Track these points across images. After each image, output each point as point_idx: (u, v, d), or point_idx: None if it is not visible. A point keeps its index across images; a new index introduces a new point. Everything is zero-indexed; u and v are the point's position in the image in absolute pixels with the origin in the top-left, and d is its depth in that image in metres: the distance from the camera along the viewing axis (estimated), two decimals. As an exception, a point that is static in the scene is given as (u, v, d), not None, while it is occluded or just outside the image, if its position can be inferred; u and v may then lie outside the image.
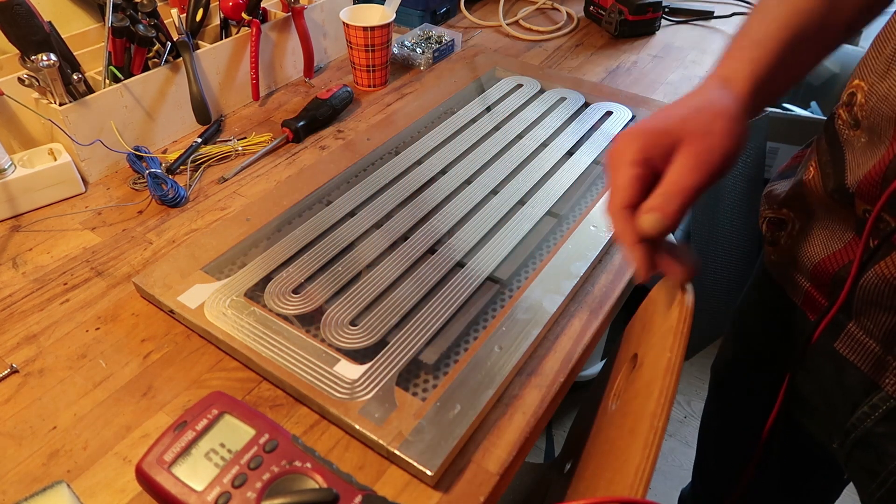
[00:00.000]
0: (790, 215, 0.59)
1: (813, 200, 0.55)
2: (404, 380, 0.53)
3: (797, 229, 0.58)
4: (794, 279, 0.59)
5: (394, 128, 0.82)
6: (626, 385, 0.51)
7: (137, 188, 0.73)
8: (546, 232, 0.67)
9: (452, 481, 0.46)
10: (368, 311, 0.57)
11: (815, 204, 0.55)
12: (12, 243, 0.66)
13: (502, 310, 0.58)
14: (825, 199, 0.53)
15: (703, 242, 1.62)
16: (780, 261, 0.61)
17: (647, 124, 0.46)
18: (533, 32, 1.10)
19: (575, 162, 0.76)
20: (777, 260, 0.61)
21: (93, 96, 0.71)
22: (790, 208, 0.59)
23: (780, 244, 0.60)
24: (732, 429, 0.82)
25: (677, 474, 1.44)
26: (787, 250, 0.59)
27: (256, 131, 0.83)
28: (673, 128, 0.45)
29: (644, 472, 0.37)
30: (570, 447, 0.70)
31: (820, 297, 0.56)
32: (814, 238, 0.56)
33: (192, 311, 0.56)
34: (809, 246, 0.56)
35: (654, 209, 0.44)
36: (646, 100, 0.88)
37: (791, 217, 0.59)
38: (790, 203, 0.59)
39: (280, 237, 0.65)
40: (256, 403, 0.51)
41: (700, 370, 1.66)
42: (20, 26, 0.66)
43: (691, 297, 0.46)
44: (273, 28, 0.88)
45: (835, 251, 0.53)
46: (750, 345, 0.73)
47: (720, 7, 1.19)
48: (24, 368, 0.53)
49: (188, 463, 0.42)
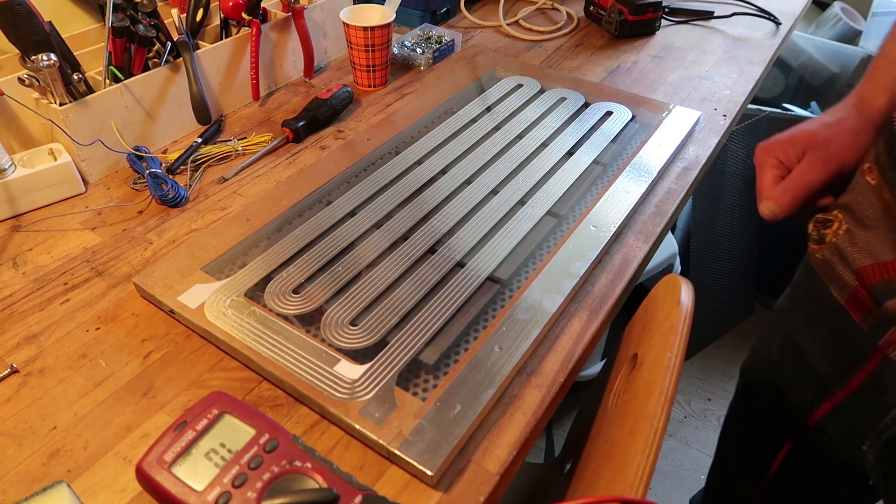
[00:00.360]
0: (839, 216, 0.59)
1: (870, 207, 0.56)
2: (404, 380, 0.53)
3: (844, 230, 0.58)
4: (840, 277, 0.59)
5: (394, 128, 0.82)
6: (626, 385, 0.51)
7: (138, 188, 0.73)
8: (546, 232, 0.67)
9: (452, 481, 0.46)
10: (368, 311, 0.57)
11: (871, 210, 0.55)
12: (12, 243, 0.66)
13: (502, 310, 0.58)
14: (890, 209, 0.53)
15: (703, 242, 1.62)
16: (825, 258, 0.61)
17: (784, 136, 0.60)
18: (533, 32, 1.10)
19: (575, 162, 0.76)
20: (822, 258, 0.61)
21: (93, 96, 0.71)
22: (841, 209, 0.59)
23: (826, 242, 0.60)
24: (759, 431, 0.81)
25: (677, 474, 1.44)
26: (834, 248, 0.59)
27: (256, 131, 0.84)
28: (802, 139, 0.60)
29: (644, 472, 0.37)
30: (570, 447, 0.70)
31: (866, 298, 0.56)
32: (862, 241, 0.56)
33: (192, 310, 0.56)
34: (857, 247, 0.56)
35: (771, 198, 0.59)
36: (646, 100, 0.88)
37: (840, 218, 0.59)
38: (842, 206, 0.59)
39: (280, 237, 0.65)
40: (257, 403, 0.51)
41: (700, 370, 1.66)
42: (20, 26, 0.66)
43: (691, 297, 0.46)
44: (273, 28, 0.89)
45: (884, 261, 0.53)
46: (791, 345, 0.70)
47: (720, 7, 1.19)
48: (24, 368, 0.54)
49: (188, 463, 0.42)
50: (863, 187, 0.56)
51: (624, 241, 0.67)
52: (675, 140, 0.79)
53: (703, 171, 0.80)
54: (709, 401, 1.60)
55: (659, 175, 0.75)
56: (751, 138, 1.61)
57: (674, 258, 1.47)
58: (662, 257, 1.43)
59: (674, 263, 1.48)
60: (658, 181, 0.75)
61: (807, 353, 0.66)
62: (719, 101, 0.92)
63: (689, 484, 1.41)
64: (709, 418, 1.55)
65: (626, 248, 0.66)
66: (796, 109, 1.71)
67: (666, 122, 0.82)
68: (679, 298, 0.47)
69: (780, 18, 1.15)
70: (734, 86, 0.96)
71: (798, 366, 0.68)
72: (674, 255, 1.47)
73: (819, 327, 0.64)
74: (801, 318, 0.67)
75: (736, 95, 0.93)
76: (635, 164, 0.75)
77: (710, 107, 0.90)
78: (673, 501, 1.38)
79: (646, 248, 0.66)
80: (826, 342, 0.63)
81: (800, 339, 0.67)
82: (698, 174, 0.78)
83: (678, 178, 0.76)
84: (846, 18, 1.92)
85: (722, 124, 0.87)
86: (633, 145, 0.80)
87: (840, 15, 1.92)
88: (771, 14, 1.16)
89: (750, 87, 0.96)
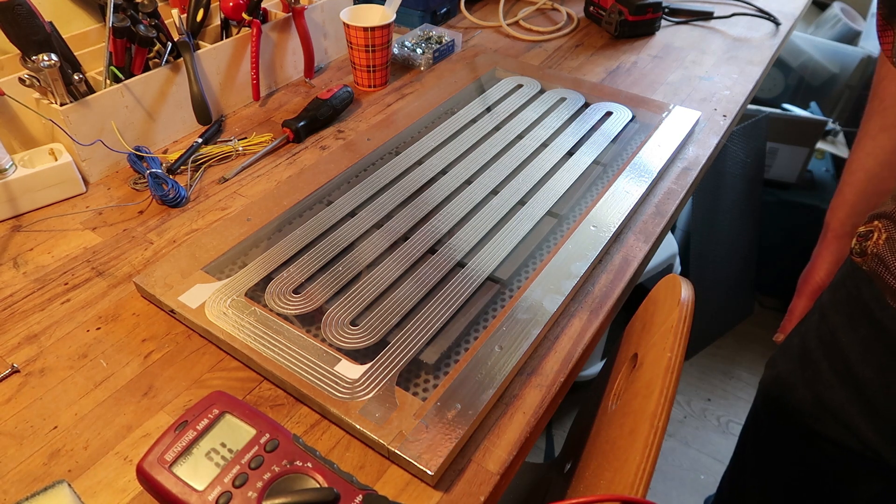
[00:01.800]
0: (878, 226, 0.60)
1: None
2: (405, 380, 0.53)
3: (884, 238, 0.59)
4: (888, 285, 0.60)
5: (394, 128, 0.82)
6: (626, 385, 0.51)
7: (138, 188, 0.73)
8: (546, 232, 0.67)
9: (453, 481, 0.46)
10: (369, 310, 0.57)
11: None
12: (13, 243, 0.66)
13: (502, 310, 0.58)
14: None
15: (703, 242, 1.62)
16: (871, 269, 0.62)
17: None
18: (533, 33, 1.10)
19: (575, 162, 0.76)
20: (869, 269, 0.62)
21: (93, 96, 0.71)
22: (880, 218, 0.60)
23: (868, 253, 0.61)
24: (786, 430, 0.80)
25: (677, 474, 1.44)
26: (876, 258, 0.60)
27: (257, 131, 0.84)
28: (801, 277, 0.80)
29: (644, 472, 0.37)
30: (570, 447, 0.70)
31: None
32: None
33: (192, 310, 0.56)
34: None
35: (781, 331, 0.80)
36: (646, 100, 0.88)
37: (879, 227, 0.60)
38: (883, 216, 0.60)
39: (280, 237, 0.65)
40: (257, 403, 0.51)
41: (700, 370, 1.66)
42: (21, 26, 0.66)
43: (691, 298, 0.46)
44: (273, 28, 0.89)
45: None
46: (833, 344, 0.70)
47: (720, 7, 1.19)
48: (25, 368, 0.54)
49: (189, 462, 0.42)
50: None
51: (624, 241, 0.67)
52: (675, 140, 0.79)
53: (703, 171, 0.80)
54: (708, 401, 1.60)
55: (659, 175, 0.75)
56: (751, 138, 1.61)
57: (674, 258, 1.47)
58: (662, 257, 1.43)
59: (674, 263, 1.48)
60: (658, 181, 0.75)
61: (846, 350, 0.66)
62: (719, 102, 0.92)
63: (689, 484, 1.41)
64: (708, 418, 1.55)
65: (626, 248, 0.66)
66: (796, 110, 1.72)
67: (666, 123, 0.83)
68: (679, 298, 0.47)
69: (780, 19, 1.16)
70: (734, 86, 0.96)
71: (835, 362, 0.68)
72: (674, 255, 1.47)
73: (862, 328, 0.64)
74: (843, 319, 0.67)
75: (736, 96, 0.93)
76: (635, 164, 0.75)
77: (710, 107, 0.90)
78: (673, 501, 1.38)
79: (646, 248, 0.66)
80: (867, 344, 0.63)
81: (841, 336, 0.67)
82: (698, 174, 0.78)
83: (678, 178, 0.76)
84: (846, 19, 1.92)
85: (722, 124, 0.87)
86: (633, 145, 0.81)
87: (840, 15, 1.92)
88: (771, 14, 1.16)
89: (750, 87, 0.96)
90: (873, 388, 0.63)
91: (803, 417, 0.75)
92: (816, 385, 0.71)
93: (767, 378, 0.83)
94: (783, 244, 1.71)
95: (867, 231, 0.62)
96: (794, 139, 1.67)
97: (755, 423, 0.88)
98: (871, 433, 0.65)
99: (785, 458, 0.81)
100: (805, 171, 1.71)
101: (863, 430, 0.66)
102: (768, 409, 0.84)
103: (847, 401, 0.67)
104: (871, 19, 1.88)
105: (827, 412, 0.69)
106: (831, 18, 1.94)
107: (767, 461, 0.85)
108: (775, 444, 0.83)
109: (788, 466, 0.80)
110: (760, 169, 1.67)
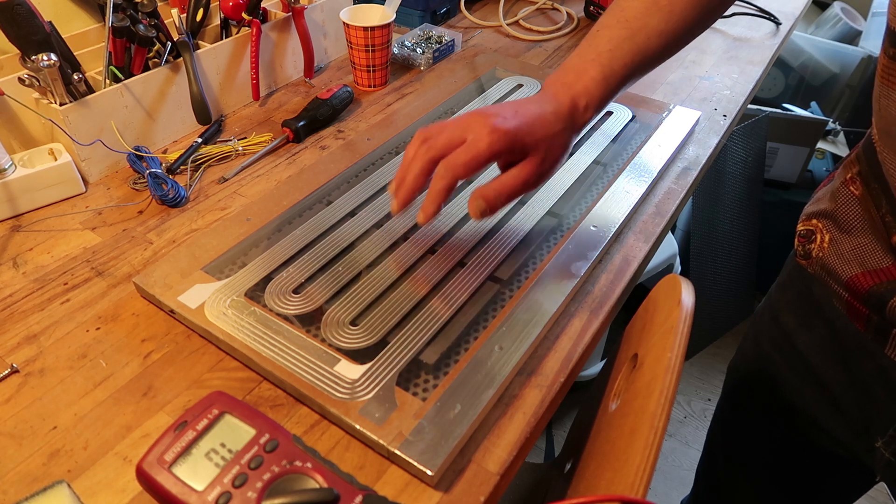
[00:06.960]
0: (818, 225, 0.59)
1: (856, 217, 0.56)
2: (404, 380, 0.53)
3: (828, 240, 0.58)
4: (834, 291, 0.59)
5: (394, 128, 0.82)
6: (626, 385, 0.51)
7: (138, 188, 0.73)
8: (546, 232, 0.67)
9: (453, 481, 0.46)
10: (369, 310, 0.57)
11: (857, 219, 0.56)
12: (12, 243, 0.66)
13: (502, 310, 0.58)
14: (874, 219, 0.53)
15: (703, 242, 1.62)
16: (815, 273, 0.61)
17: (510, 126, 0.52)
18: (533, 33, 1.10)
19: (575, 162, 0.76)
20: (814, 273, 0.61)
21: (93, 96, 0.71)
22: (820, 217, 0.59)
23: (813, 257, 0.61)
24: (752, 427, 0.80)
25: (677, 474, 1.44)
26: (820, 263, 0.60)
27: (257, 131, 0.84)
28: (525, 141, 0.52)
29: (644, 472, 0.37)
30: (570, 447, 0.70)
31: (861, 306, 0.56)
32: (847, 250, 0.56)
33: (192, 310, 0.56)
34: (843, 259, 0.56)
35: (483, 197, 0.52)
36: (646, 100, 0.88)
37: (820, 227, 0.59)
38: (821, 214, 0.59)
39: (280, 237, 0.65)
40: (257, 403, 0.51)
41: (700, 370, 1.66)
42: (21, 26, 0.66)
43: (691, 297, 0.46)
44: (273, 28, 0.89)
45: (872, 269, 0.53)
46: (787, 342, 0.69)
47: (720, 7, 1.19)
48: (24, 368, 0.54)
49: (189, 463, 0.42)
50: (846, 197, 0.57)
51: (624, 241, 0.67)
52: (676, 140, 0.79)
53: (703, 171, 0.80)
54: (709, 401, 1.60)
55: (659, 175, 0.75)
56: (751, 138, 1.61)
57: (674, 258, 1.47)
58: (662, 257, 1.43)
59: (674, 263, 1.48)
60: (658, 181, 0.75)
61: (805, 352, 0.66)
62: (719, 101, 0.92)
63: (689, 484, 1.41)
64: (709, 418, 1.55)
65: (627, 248, 0.66)
66: (796, 109, 1.72)
67: (666, 122, 0.82)
68: (679, 298, 0.47)
69: (780, 18, 1.15)
70: (734, 86, 0.96)
71: (795, 364, 0.68)
72: (674, 255, 1.47)
73: (817, 328, 0.64)
74: (796, 319, 0.67)
75: (736, 95, 0.93)
76: (635, 164, 0.75)
77: (710, 107, 0.90)
78: (673, 501, 1.38)
79: (646, 248, 0.66)
80: (825, 344, 0.63)
81: (796, 338, 0.67)
82: (698, 174, 0.78)
83: (678, 178, 0.76)
84: (846, 18, 1.92)
85: (722, 124, 0.87)
86: (633, 145, 0.80)
87: (840, 15, 1.92)
88: (771, 14, 1.16)
89: (750, 87, 0.96)
90: (840, 387, 0.62)
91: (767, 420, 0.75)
92: (780, 390, 0.71)
93: (729, 385, 0.84)
94: (783, 244, 1.71)
95: (807, 231, 0.61)
96: (795, 139, 1.67)
97: (723, 427, 0.88)
98: (843, 430, 0.64)
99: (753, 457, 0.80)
100: (805, 170, 1.71)
101: (834, 429, 0.65)
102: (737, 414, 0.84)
103: (813, 402, 0.66)
104: (871, 19, 1.87)
105: (797, 415, 0.69)
106: (832, 18, 1.94)
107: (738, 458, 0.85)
108: (743, 443, 0.83)
109: (760, 469, 0.80)
110: (761, 169, 1.68)
